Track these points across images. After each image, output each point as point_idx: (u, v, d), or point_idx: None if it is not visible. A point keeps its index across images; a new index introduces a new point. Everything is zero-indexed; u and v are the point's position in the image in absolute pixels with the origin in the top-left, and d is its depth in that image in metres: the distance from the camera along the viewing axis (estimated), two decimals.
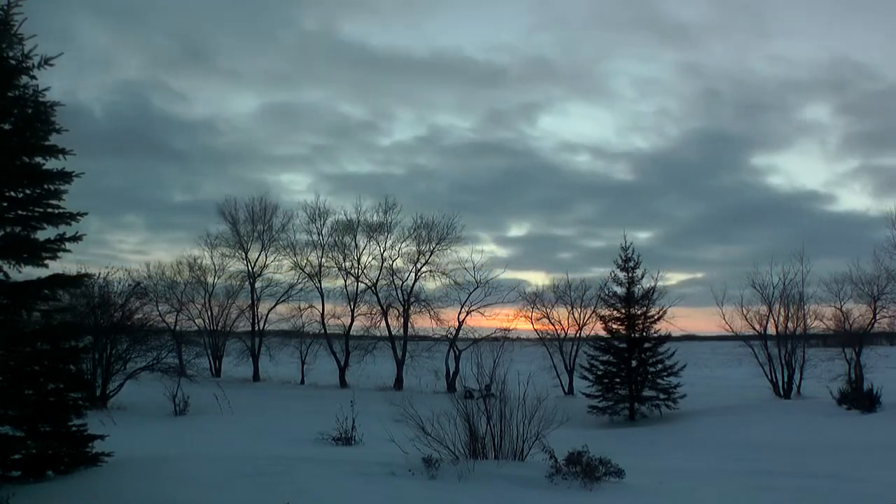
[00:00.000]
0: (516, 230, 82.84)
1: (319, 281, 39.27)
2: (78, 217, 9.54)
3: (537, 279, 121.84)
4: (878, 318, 30.74)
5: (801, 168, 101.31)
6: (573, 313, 38.48)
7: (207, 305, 40.93)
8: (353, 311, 39.05)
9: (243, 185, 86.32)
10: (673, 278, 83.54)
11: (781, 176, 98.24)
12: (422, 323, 39.07)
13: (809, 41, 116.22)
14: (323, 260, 39.15)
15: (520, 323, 39.20)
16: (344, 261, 38.86)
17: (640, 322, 26.71)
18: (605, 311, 28.25)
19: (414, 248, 38.69)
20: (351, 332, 39.07)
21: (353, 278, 38.93)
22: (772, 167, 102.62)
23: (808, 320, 32.57)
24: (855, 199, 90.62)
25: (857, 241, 61.39)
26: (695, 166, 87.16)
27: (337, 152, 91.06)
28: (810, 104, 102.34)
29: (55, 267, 9.69)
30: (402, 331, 38.64)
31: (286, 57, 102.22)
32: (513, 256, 77.55)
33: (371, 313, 39.13)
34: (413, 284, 38.84)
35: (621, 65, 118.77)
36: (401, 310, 38.62)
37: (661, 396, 25.64)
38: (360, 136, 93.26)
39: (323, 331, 39.17)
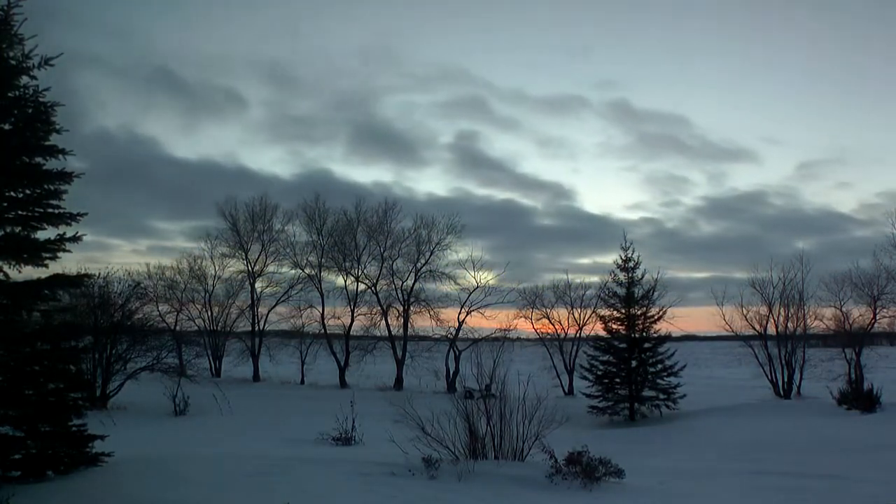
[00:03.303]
0: None
1: (319, 281, 39.32)
2: (78, 217, 9.54)
3: None
4: (878, 318, 30.76)
5: None
6: (573, 313, 38.56)
7: (207, 305, 40.90)
8: (353, 311, 39.09)
9: None
10: None
11: None
12: (422, 323, 39.16)
13: None
14: (323, 260, 39.21)
15: (520, 323, 39.24)
16: (344, 261, 38.88)
17: (640, 322, 26.70)
18: (605, 312, 28.24)
19: (414, 249, 38.76)
20: (351, 332, 39.08)
21: (353, 278, 38.99)
22: None
23: (808, 320, 32.59)
24: None
25: None
26: None
27: None
28: None
29: (55, 267, 9.71)
30: (402, 331, 38.64)
31: None
32: None
33: (371, 313, 39.16)
34: (413, 284, 38.88)
35: None
36: (401, 310, 38.63)
37: (661, 396, 25.63)
38: None
39: (323, 331, 39.16)
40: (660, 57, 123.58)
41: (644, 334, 26.71)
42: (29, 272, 9.53)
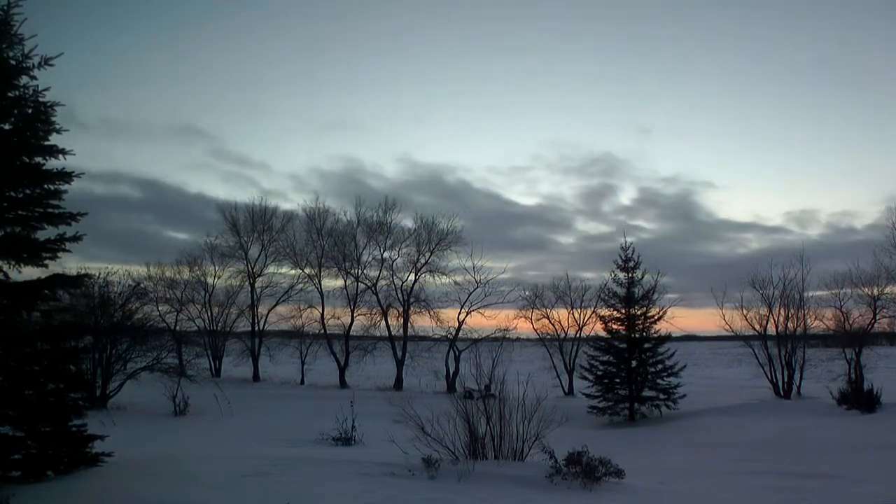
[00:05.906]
0: None
1: (319, 281, 39.35)
2: (78, 217, 9.53)
3: None
4: (877, 318, 30.71)
5: None
6: (573, 313, 38.56)
7: (207, 305, 40.87)
8: (352, 311, 39.08)
9: None
10: None
11: None
12: (422, 323, 39.18)
13: None
14: (322, 260, 39.20)
15: (520, 323, 39.22)
16: (344, 261, 38.89)
17: (640, 322, 26.66)
18: (605, 312, 28.18)
19: (414, 249, 38.76)
20: (351, 333, 39.08)
21: (352, 278, 38.97)
22: None
23: (808, 320, 32.53)
24: None
25: None
26: None
27: None
28: None
29: (55, 267, 9.71)
30: (402, 331, 38.64)
31: None
32: None
33: (371, 313, 39.16)
34: (413, 284, 38.89)
35: None
36: (401, 310, 38.63)
37: (661, 397, 25.60)
38: None
39: (323, 331, 39.17)
40: None
41: (644, 334, 26.68)
42: (29, 272, 9.55)
